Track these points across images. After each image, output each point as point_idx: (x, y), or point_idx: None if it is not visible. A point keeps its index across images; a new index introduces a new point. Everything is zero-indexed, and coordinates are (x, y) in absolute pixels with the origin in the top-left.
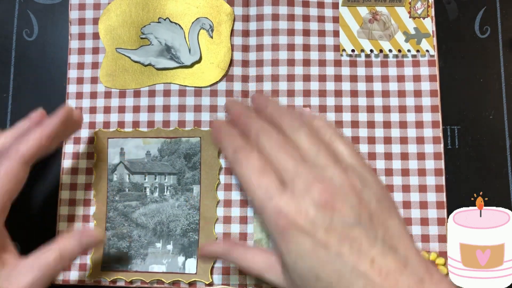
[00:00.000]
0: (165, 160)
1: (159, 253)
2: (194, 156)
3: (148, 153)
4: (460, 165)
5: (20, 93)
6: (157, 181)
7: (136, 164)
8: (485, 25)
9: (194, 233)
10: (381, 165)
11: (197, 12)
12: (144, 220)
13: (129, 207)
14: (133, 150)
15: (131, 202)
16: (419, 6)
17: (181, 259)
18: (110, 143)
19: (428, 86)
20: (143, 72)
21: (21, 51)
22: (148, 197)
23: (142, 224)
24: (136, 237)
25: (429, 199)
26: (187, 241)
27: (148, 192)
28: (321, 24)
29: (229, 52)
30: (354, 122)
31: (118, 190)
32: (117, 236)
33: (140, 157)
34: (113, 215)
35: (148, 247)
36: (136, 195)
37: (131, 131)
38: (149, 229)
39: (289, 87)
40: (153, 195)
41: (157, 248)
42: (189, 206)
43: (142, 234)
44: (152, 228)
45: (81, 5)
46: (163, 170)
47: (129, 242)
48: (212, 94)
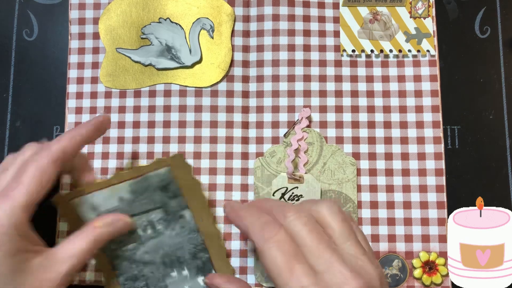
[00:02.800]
0: (143, 199)
1: (178, 281)
2: (170, 185)
3: (121, 198)
4: (460, 165)
5: (20, 93)
6: (144, 219)
7: (115, 212)
8: (485, 25)
9: (204, 252)
10: (382, 165)
11: (197, 12)
12: (149, 257)
13: (129, 251)
14: (103, 202)
15: (128, 245)
16: (420, 6)
17: (200, 278)
18: (77, 204)
19: (428, 86)
20: (144, 72)
21: (21, 51)
22: (143, 236)
23: (149, 261)
24: (149, 274)
25: (429, 199)
26: (200, 262)
27: (141, 231)
28: (321, 25)
29: (229, 53)
30: (355, 122)
31: (110, 240)
32: (131, 279)
33: (114, 205)
34: (117, 262)
35: (165, 279)
36: (130, 238)
37: (89, 186)
38: (158, 264)
39: (290, 87)
40: (147, 233)
41: (174, 277)
42: (187, 231)
43: (154, 269)
44: (160, 261)
45: (81, 5)
46: (145, 208)
47: (144, 280)
48: (213, 94)
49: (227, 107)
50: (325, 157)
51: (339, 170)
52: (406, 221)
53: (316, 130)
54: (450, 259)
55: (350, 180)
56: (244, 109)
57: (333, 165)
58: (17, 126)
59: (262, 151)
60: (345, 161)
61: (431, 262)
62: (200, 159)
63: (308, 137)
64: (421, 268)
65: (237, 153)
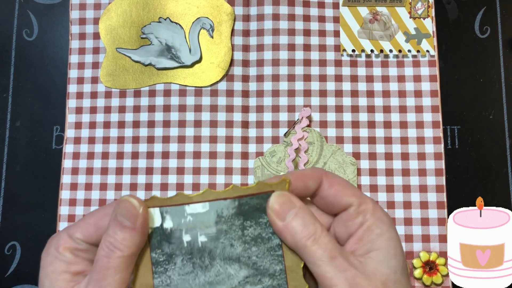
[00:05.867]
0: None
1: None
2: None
3: (219, 216)
4: (460, 165)
5: (20, 93)
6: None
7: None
8: (485, 25)
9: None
10: (382, 165)
11: (197, 12)
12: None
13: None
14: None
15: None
16: (420, 6)
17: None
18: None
19: (428, 86)
20: (144, 72)
21: (21, 51)
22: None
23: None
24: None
25: (429, 199)
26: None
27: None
28: (321, 24)
29: (229, 52)
30: (355, 122)
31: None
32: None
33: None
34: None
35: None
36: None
37: (181, 197)
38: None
39: (290, 87)
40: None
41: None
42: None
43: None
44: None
45: (82, 5)
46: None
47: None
48: (213, 94)
49: (227, 107)
50: (325, 156)
51: (339, 170)
52: (406, 221)
53: (316, 130)
54: (450, 259)
55: (350, 179)
56: (244, 109)
57: (334, 165)
58: (17, 126)
59: (262, 150)
60: (345, 161)
61: (432, 262)
62: (200, 159)
63: (309, 136)
64: (421, 268)
65: (237, 152)
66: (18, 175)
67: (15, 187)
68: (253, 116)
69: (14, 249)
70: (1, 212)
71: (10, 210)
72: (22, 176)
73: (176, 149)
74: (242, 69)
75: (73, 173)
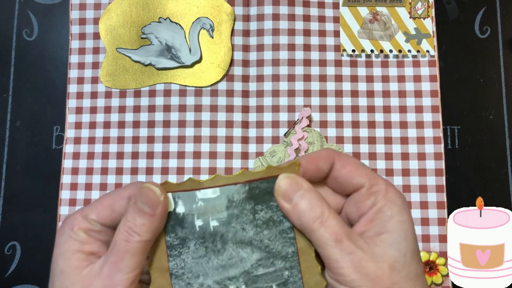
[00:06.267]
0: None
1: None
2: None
3: (230, 201)
4: (460, 165)
5: (20, 93)
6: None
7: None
8: (485, 25)
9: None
10: (382, 165)
11: (197, 12)
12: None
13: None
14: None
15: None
16: (420, 6)
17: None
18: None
19: (428, 87)
20: (144, 72)
21: (21, 51)
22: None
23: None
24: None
25: (429, 199)
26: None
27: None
28: (321, 24)
29: (229, 52)
30: (355, 122)
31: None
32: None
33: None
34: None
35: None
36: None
37: (192, 183)
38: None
39: (290, 87)
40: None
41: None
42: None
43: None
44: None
45: (82, 5)
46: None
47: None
48: (213, 94)
49: (227, 107)
50: None
51: None
52: None
53: (316, 130)
54: (450, 259)
55: None
56: (244, 109)
57: None
58: (17, 126)
59: (262, 150)
60: None
61: (432, 262)
62: (200, 159)
63: (309, 136)
64: None
65: (237, 152)
66: (18, 175)
67: (15, 187)
68: (253, 116)
69: (14, 249)
70: (1, 212)
71: (10, 210)
72: (22, 176)
73: (176, 149)
74: (242, 69)
75: (73, 173)
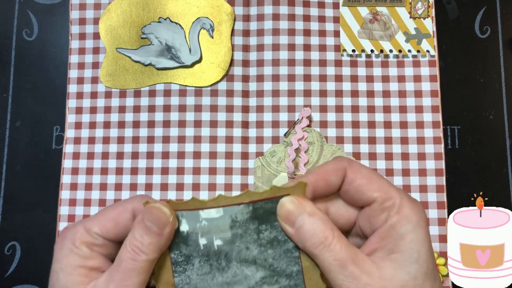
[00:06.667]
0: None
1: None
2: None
3: (234, 221)
4: (460, 165)
5: (20, 93)
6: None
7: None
8: (485, 25)
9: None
10: (382, 165)
11: (197, 11)
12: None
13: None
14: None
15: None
16: (420, 6)
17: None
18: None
19: (428, 87)
20: (144, 72)
21: (21, 51)
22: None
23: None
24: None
25: (429, 199)
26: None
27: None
28: (321, 24)
29: (229, 52)
30: (355, 122)
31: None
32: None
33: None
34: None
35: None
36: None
37: (195, 202)
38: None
39: (290, 87)
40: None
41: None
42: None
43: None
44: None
45: (82, 5)
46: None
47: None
48: (213, 94)
49: (227, 107)
50: (325, 156)
51: None
52: None
53: (316, 130)
54: (450, 259)
55: None
56: (244, 109)
57: None
58: (17, 126)
59: (262, 150)
60: None
61: None
62: (200, 159)
63: (309, 136)
64: None
65: (237, 152)
66: (18, 175)
67: (15, 187)
68: (253, 116)
69: (14, 249)
70: (1, 212)
71: (10, 210)
72: (22, 176)
73: (176, 149)
74: (242, 69)
75: (73, 173)
